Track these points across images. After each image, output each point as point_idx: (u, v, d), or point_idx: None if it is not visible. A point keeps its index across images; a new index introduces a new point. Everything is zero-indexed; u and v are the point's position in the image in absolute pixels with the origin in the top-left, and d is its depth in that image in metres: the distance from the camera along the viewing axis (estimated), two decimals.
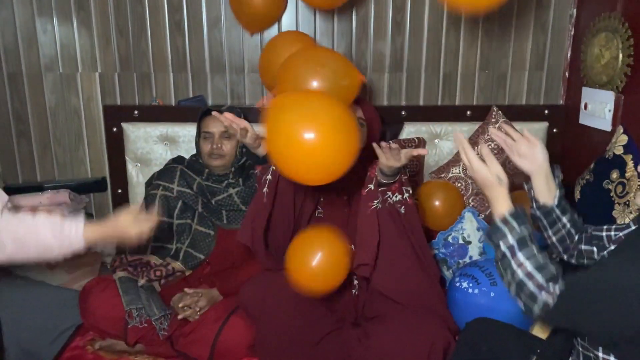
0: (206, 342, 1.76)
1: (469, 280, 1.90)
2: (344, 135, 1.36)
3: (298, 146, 1.31)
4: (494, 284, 1.86)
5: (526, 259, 1.16)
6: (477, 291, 1.86)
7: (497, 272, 1.28)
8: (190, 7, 2.45)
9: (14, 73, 2.49)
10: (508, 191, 1.26)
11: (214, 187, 2.05)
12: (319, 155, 1.33)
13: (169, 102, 2.55)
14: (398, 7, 2.50)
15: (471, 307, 1.82)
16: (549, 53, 2.59)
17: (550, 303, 1.10)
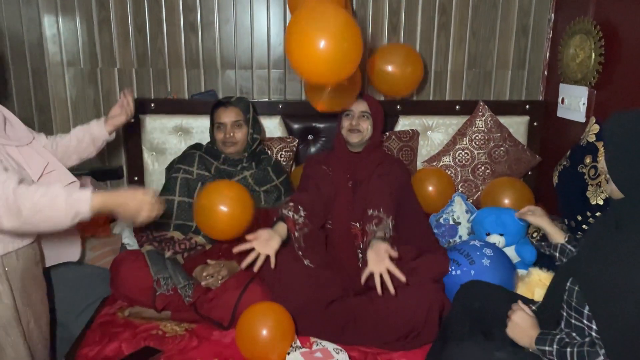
0: (228, 306, 1.94)
1: (451, 264, 2.08)
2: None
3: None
4: (472, 262, 2.03)
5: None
6: (459, 272, 2.03)
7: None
8: (203, 8, 2.66)
9: (38, 68, 2.67)
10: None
11: (229, 170, 2.25)
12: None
13: (182, 96, 2.74)
14: (394, 10, 2.73)
15: (456, 287, 1.94)
16: (530, 53, 2.85)
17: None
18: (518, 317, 1.44)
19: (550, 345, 1.35)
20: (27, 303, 1.69)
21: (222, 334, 1.92)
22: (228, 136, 2.22)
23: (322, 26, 1.60)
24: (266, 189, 2.25)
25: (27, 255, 1.69)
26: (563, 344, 1.33)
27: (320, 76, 1.72)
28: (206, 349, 1.83)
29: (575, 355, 1.29)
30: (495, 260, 2.04)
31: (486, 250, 2.07)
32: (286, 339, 1.73)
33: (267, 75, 2.77)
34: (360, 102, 2.21)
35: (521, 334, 1.43)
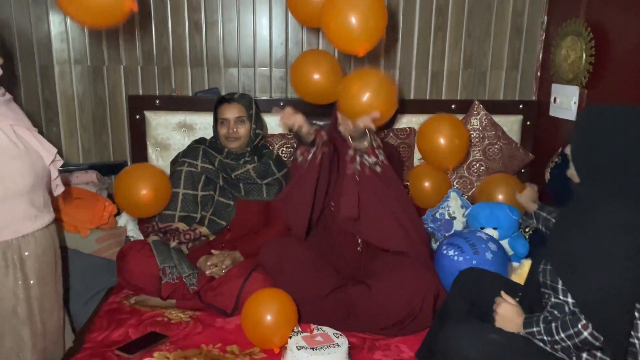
0: (231, 294, 2.02)
1: (455, 249, 2.16)
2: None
3: None
4: (476, 252, 2.11)
5: (560, 338, 1.40)
6: (462, 259, 2.12)
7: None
8: (207, 8, 2.74)
9: (45, 65, 2.74)
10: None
11: (232, 164, 2.33)
12: None
13: (186, 93, 2.82)
14: (392, 12, 2.81)
15: (456, 272, 2.00)
16: (523, 54, 2.94)
17: (590, 327, 1.34)
18: (502, 309, 1.54)
19: (537, 326, 1.44)
20: (43, 290, 1.72)
21: (225, 320, 1.99)
22: (231, 131, 2.29)
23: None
24: (268, 182, 2.32)
25: (45, 237, 1.73)
26: (548, 321, 1.43)
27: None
28: (210, 334, 1.90)
29: (560, 326, 1.39)
30: (498, 256, 2.12)
31: (491, 244, 2.14)
32: (289, 324, 1.80)
33: (269, 74, 2.85)
34: None
35: (509, 324, 1.52)
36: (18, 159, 1.60)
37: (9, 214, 1.61)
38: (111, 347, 1.78)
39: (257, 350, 1.80)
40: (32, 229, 1.67)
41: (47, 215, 1.75)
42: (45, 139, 2.77)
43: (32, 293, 1.69)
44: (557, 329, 1.39)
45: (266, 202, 2.30)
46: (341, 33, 2.05)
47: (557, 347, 1.42)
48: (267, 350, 1.80)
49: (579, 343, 1.37)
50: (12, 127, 1.63)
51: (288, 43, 2.82)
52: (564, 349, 1.40)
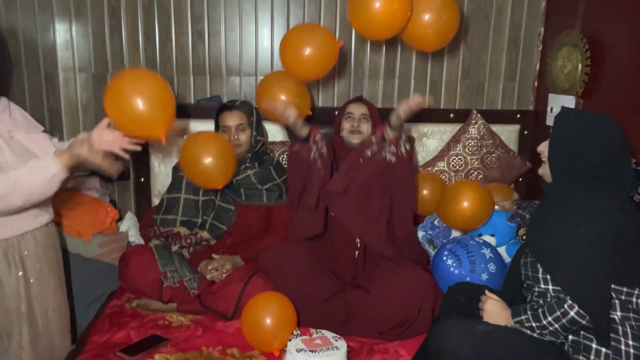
0: (232, 298, 2.04)
1: (454, 260, 2.18)
2: None
3: None
4: (472, 271, 2.14)
5: (548, 322, 1.49)
6: (457, 272, 2.15)
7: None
8: (211, 18, 2.79)
9: (50, 72, 2.79)
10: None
11: None
12: None
13: (189, 101, 2.86)
14: None
15: (448, 282, 2.09)
16: (521, 65, 2.98)
17: (576, 307, 1.44)
18: (489, 305, 1.62)
19: (524, 314, 1.54)
20: (43, 291, 1.75)
21: (225, 324, 2.02)
22: (232, 139, 2.33)
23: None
24: (268, 187, 2.35)
25: (44, 237, 1.77)
26: (534, 308, 1.52)
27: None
28: (211, 337, 1.92)
29: (546, 311, 1.49)
30: (493, 279, 2.14)
31: (491, 266, 2.17)
32: (288, 327, 1.82)
33: None
34: (360, 106, 2.34)
35: (496, 318, 1.60)
36: (17, 161, 1.64)
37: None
38: (113, 349, 1.80)
39: (257, 353, 1.83)
40: (31, 227, 1.72)
41: (46, 215, 1.80)
42: None
43: (32, 291, 1.72)
44: (545, 314, 1.49)
45: (266, 207, 2.34)
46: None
47: (544, 332, 1.50)
48: (266, 353, 1.82)
49: (566, 323, 1.46)
50: (10, 132, 1.68)
51: None
52: (552, 332, 1.48)
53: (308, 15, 2.82)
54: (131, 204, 2.92)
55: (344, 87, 2.94)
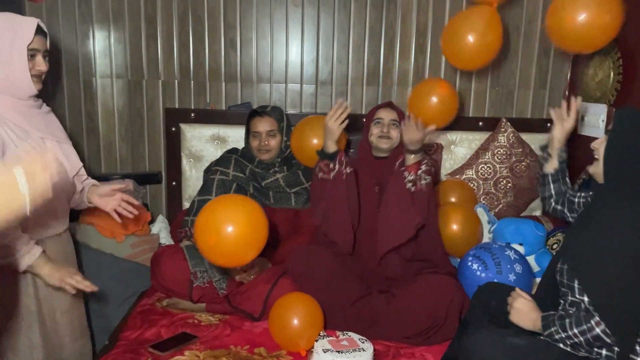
0: (259, 299, 2.07)
1: (479, 264, 2.17)
2: None
3: None
4: (499, 272, 2.12)
5: (573, 334, 1.44)
6: (484, 275, 2.13)
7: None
8: (243, 26, 2.86)
9: (88, 79, 2.89)
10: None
11: (262, 173, 2.41)
12: None
13: (220, 107, 2.93)
14: (420, 30, 2.89)
15: (476, 286, 2.03)
16: (551, 73, 2.96)
17: (602, 325, 1.38)
18: (519, 303, 1.56)
19: (553, 325, 1.48)
20: (52, 293, 1.75)
21: (253, 324, 2.04)
22: (263, 144, 2.38)
23: None
24: (296, 191, 2.39)
25: (55, 246, 1.77)
26: (562, 317, 1.47)
27: None
28: (239, 336, 1.95)
29: (573, 322, 1.43)
30: (521, 279, 2.12)
31: (517, 266, 2.14)
32: (315, 327, 1.84)
33: (300, 90, 2.94)
34: (389, 111, 2.34)
35: (524, 318, 1.55)
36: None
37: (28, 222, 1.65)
38: (144, 345, 1.84)
39: (284, 352, 1.85)
40: (43, 236, 1.72)
41: (59, 226, 1.80)
42: (86, 149, 2.93)
43: (40, 293, 1.73)
44: (571, 325, 1.44)
45: (294, 210, 2.37)
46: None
47: (569, 343, 1.45)
48: (293, 353, 1.84)
49: (590, 339, 1.40)
50: (43, 140, 1.71)
51: (319, 60, 2.92)
52: (576, 345, 1.43)
53: (338, 23, 2.87)
54: (162, 207, 2.99)
55: (373, 94, 2.96)
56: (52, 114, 1.84)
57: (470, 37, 2.13)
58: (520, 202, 2.83)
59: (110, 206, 1.84)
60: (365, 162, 2.35)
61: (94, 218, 2.46)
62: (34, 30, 1.61)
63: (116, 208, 1.84)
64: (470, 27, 2.16)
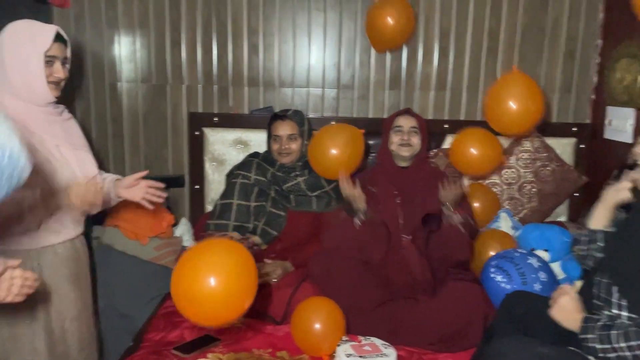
0: (281, 302, 2.07)
1: (503, 275, 2.13)
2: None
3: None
4: (524, 283, 2.08)
5: (619, 347, 1.37)
6: (509, 287, 2.08)
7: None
8: (266, 31, 2.88)
9: (114, 83, 2.94)
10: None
11: (284, 176, 2.42)
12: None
13: (242, 111, 2.95)
14: (443, 33, 2.88)
15: (501, 296, 1.97)
16: (577, 77, 2.92)
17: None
18: (564, 300, 1.50)
19: (592, 333, 1.42)
20: (62, 300, 1.75)
21: (275, 327, 2.04)
22: (284, 147, 2.39)
23: None
24: (317, 195, 2.39)
25: (67, 252, 1.77)
26: (605, 328, 1.40)
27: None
28: (261, 340, 1.95)
29: (622, 335, 1.36)
30: (547, 287, 2.08)
31: (541, 274, 2.11)
32: (337, 332, 1.84)
33: (322, 94, 2.95)
34: (409, 118, 2.33)
35: (566, 316, 1.49)
36: (51, 177, 1.66)
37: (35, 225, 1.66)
38: (168, 347, 1.86)
39: (306, 357, 1.84)
40: (52, 242, 1.71)
41: (72, 231, 1.79)
42: (111, 152, 2.98)
43: (49, 301, 1.72)
44: (618, 337, 1.37)
45: (315, 213, 2.38)
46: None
47: (610, 356, 1.39)
48: (316, 357, 1.83)
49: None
50: (58, 147, 1.71)
51: (341, 64, 2.92)
52: (620, 358, 1.38)
53: (360, 29, 2.87)
54: (186, 210, 3.02)
55: (395, 98, 2.96)
56: (73, 121, 1.84)
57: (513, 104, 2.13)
58: (545, 208, 2.79)
59: (138, 196, 1.81)
60: (386, 171, 2.33)
61: (119, 221, 2.50)
62: (52, 37, 1.61)
63: (144, 196, 1.82)
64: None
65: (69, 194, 1.63)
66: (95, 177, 1.83)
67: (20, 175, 1.04)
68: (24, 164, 1.04)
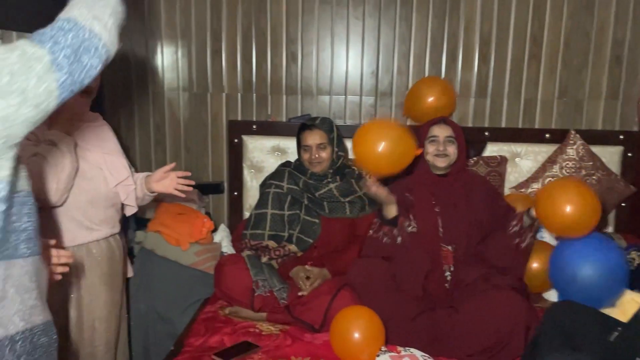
0: (320, 310, 2.07)
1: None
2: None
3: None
4: None
5: None
6: None
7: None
8: (304, 40, 2.90)
9: (157, 92, 3.02)
10: None
11: (316, 184, 2.42)
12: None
13: (281, 119, 2.98)
14: (484, 40, 2.84)
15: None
16: (624, 83, 2.82)
17: None
18: None
19: None
20: (93, 300, 1.81)
21: (313, 336, 2.05)
22: (314, 157, 2.39)
23: None
24: (350, 200, 2.39)
25: (101, 251, 1.83)
26: None
27: None
28: (300, 347, 1.96)
29: None
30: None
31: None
32: (376, 342, 1.82)
33: (359, 101, 2.95)
34: (444, 127, 2.27)
35: None
36: (81, 179, 1.77)
37: (68, 222, 1.76)
38: (208, 352, 1.88)
39: None
40: (86, 240, 1.79)
41: (104, 230, 1.87)
42: (154, 159, 3.05)
43: (82, 299, 1.79)
44: None
45: (350, 219, 2.38)
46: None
47: None
48: None
49: None
50: (88, 151, 1.80)
51: (379, 72, 2.92)
52: None
53: (399, 35, 2.86)
54: (224, 217, 3.06)
55: None
56: (106, 127, 1.93)
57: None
58: None
59: (170, 187, 1.93)
60: (423, 180, 2.29)
61: (161, 226, 2.55)
62: None
63: (175, 187, 1.93)
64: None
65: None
66: (127, 178, 1.91)
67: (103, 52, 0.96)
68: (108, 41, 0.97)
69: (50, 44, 0.89)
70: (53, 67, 0.88)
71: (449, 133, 2.26)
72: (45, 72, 0.87)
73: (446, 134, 2.25)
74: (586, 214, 1.90)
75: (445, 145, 2.24)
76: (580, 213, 1.89)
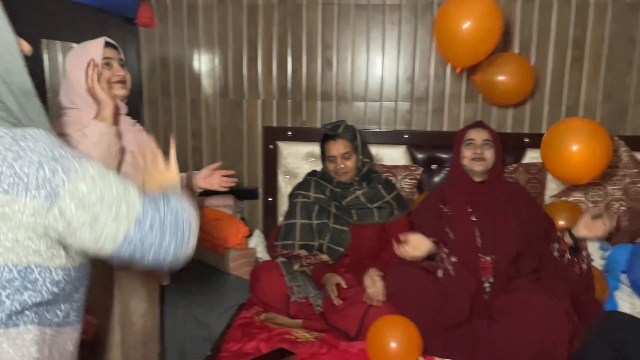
0: (355, 318, 2.05)
1: None
2: None
3: None
4: None
5: None
6: None
7: None
8: (340, 45, 2.90)
9: (194, 99, 3.06)
10: None
11: (342, 192, 2.39)
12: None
13: (315, 125, 2.98)
14: (524, 44, 2.78)
15: None
16: None
17: None
18: None
19: None
20: (132, 295, 1.83)
21: (349, 344, 2.03)
22: (339, 167, 2.36)
23: None
24: (378, 205, 2.36)
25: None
26: None
27: None
28: (335, 356, 1.94)
29: None
30: None
31: None
32: (414, 352, 1.80)
33: (395, 107, 2.92)
34: (481, 131, 2.23)
35: None
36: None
37: None
38: (244, 358, 1.89)
39: None
40: None
41: None
42: (190, 165, 3.09)
43: (123, 294, 1.81)
44: None
45: (379, 224, 2.35)
46: None
47: None
48: None
49: None
50: (132, 153, 1.83)
51: (415, 77, 2.89)
52: None
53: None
54: (259, 222, 3.08)
55: (471, 111, 2.88)
56: (144, 133, 1.96)
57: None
58: (635, 227, 2.60)
59: (215, 184, 2.11)
60: (459, 187, 2.25)
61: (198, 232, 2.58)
62: (103, 43, 1.74)
63: (220, 184, 2.12)
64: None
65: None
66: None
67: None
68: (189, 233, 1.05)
69: (151, 204, 0.95)
70: (136, 218, 0.93)
71: (486, 137, 2.21)
72: (126, 216, 0.92)
73: (483, 137, 2.21)
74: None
75: (483, 149, 2.19)
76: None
